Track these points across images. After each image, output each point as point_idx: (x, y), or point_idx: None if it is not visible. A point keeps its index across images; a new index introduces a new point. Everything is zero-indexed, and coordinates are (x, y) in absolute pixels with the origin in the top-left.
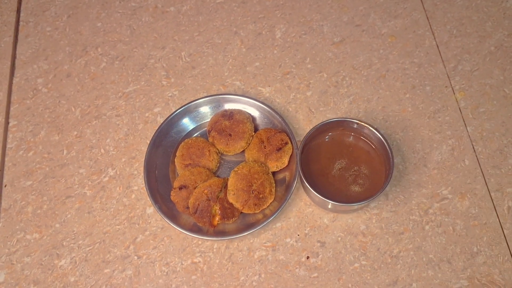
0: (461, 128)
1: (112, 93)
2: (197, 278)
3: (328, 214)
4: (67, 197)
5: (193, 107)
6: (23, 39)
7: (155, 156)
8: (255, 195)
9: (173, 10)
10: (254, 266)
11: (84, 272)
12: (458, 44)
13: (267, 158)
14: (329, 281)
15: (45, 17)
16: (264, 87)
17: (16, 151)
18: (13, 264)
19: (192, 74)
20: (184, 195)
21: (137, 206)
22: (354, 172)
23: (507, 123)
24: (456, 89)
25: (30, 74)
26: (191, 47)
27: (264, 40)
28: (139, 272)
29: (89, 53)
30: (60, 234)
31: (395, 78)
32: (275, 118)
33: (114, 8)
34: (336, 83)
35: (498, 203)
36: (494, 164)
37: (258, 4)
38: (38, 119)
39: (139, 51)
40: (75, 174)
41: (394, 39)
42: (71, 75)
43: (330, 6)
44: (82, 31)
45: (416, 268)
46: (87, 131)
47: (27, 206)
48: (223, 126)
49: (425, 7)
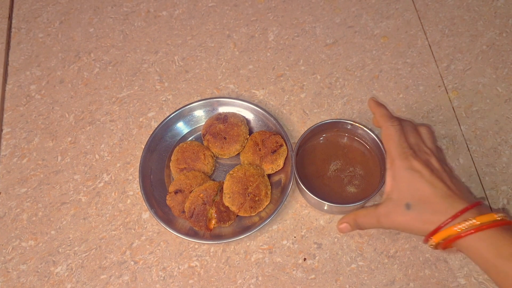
0: (455, 127)
1: (106, 98)
2: (194, 282)
3: (324, 215)
4: (62, 204)
5: (187, 111)
6: (15, 45)
7: (150, 161)
8: (251, 198)
9: (165, 14)
10: (251, 269)
11: (81, 279)
12: (450, 43)
13: (262, 160)
14: (327, 282)
15: (37, 23)
16: (258, 90)
17: (10, 158)
18: (9, 272)
19: (185, 78)
20: (179, 199)
21: (133, 211)
22: (349, 173)
23: (500, 122)
24: (449, 89)
25: (23, 81)
26: (184, 51)
27: (257, 43)
28: (136, 278)
29: (82, 58)
30: (56, 241)
31: (388, 78)
32: (270, 120)
33: (106, 13)
34: (329, 84)
35: (493, 201)
36: (489, 162)
37: (251, 7)
38: (32, 126)
39: (132, 56)
40: (70, 181)
41: (387, 40)
42: (64, 81)
43: (322, 8)
44: (75, 37)
45: (413, 267)
46: (81, 137)
47: (22, 213)
48: (218, 129)
49: (417, 7)
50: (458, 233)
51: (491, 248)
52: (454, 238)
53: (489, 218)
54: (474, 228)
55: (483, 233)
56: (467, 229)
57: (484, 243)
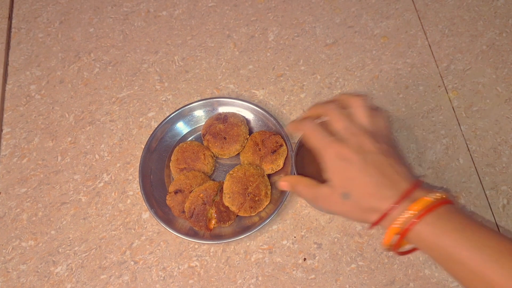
0: (455, 127)
1: (106, 98)
2: (194, 283)
3: (324, 215)
4: (62, 204)
5: (187, 111)
6: (15, 46)
7: (150, 161)
8: (251, 198)
9: (165, 14)
10: (251, 269)
11: (81, 279)
12: (450, 43)
13: (262, 160)
14: (327, 282)
15: (37, 23)
16: (257, 90)
17: (10, 158)
18: (9, 272)
19: (185, 78)
20: (179, 199)
21: (133, 211)
22: None
23: (500, 122)
24: (449, 89)
25: (23, 81)
26: (184, 51)
27: (257, 43)
28: (136, 278)
29: (82, 58)
30: (56, 241)
31: (388, 78)
32: (270, 120)
33: (106, 13)
34: (329, 84)
35: (493, 201)
36: (488, 162)
37: (251, 7)
38: (32, 126)
39: (132, 56)
40: (70, 181)
41: (387, 40)
42: (64, 81)
43: (322, 8)
44: (75, 37)
45: (413, 267)
46: (81, 137)
47: (22, 213)
48: (218, 129)
49: (417, 7)
50: (399, 229)
51: (440, 234)
52: (405, 230)
53: (425, 204)
54: (415, 217)
55: (425, 220)
56: (408, 221)
57: (429, 230)
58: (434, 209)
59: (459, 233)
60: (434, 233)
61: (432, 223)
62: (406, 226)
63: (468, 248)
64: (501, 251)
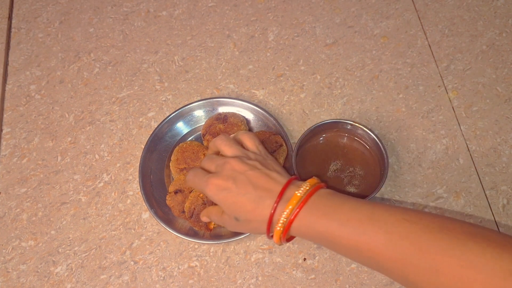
0: (455, 127)
1: (106, 98)
2: (194, 283)
3: None
4: (62, 204)
5: (187, 111)
6: (15, 46)
7: (150, 161)
8: None
9: (165, 14)
10: (251, 269)
11: (81, 279)
12: (450, 43)
13: None
14: (327, 282)
15: (37, 23)
16: (257, 90)
17: (10, 158)
18: (9, 272)
19: (185, 78)
20: (179, 199)
21: (133, 211)
22: (349, 173)
23: (500, 122)
24: (449, 89)
25: (22, 81)
26: (184, 51)
27: (257, 43)
28: (136, 278)
29: (82, 58)
30: (56, 241)
31: (388, 78)
32: (269, 120)
33: (106, 13)
34: (329, 84)
35: (493, 201)
36: (488, 162)
37: (250, 7)
38: (32, 126)
39: (132, 56)
40: (70, 181)
41: (387, 40)
42: (64, 81)
43: (322, 8)
44: (75, 37)
45: None
46: (81, 137)
47: (22, 213)
48: (218, 129)
49: (417, 7)
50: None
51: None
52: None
53: (297, 200)
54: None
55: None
56: (286, 220)
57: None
58: (306, 202)
59: (327, 217)
60: (309, 224)
61: (304, 217)
62: (286, 226)
63: (337, 228)
64: (360, 219)
